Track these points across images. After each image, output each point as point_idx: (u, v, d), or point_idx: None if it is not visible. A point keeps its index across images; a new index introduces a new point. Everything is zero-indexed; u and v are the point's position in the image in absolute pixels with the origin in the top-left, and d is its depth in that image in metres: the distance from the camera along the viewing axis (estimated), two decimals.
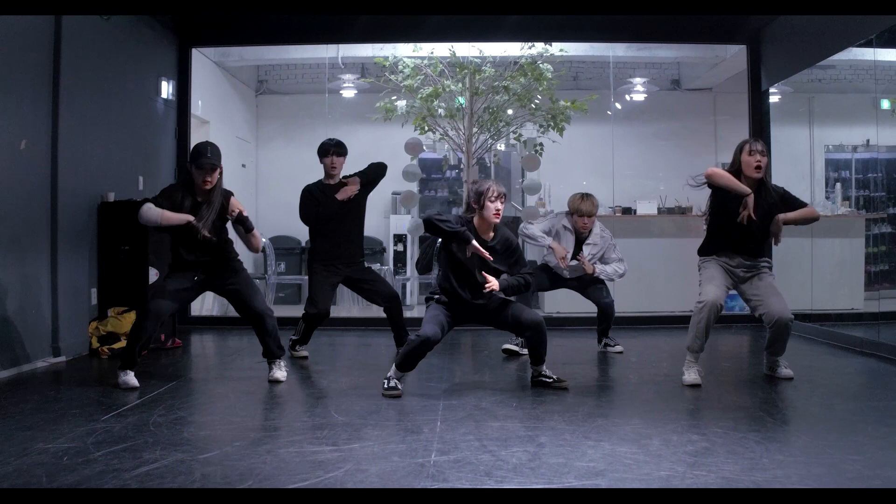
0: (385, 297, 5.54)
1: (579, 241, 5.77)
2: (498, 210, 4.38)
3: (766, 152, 4.60)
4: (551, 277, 5.88)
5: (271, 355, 4.79)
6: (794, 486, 2.77)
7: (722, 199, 4.65)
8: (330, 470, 2.97)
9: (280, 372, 4.75)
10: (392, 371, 4.38)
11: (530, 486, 2.79)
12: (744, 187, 4.53)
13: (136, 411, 3.91)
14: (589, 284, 5.83)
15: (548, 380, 4.56)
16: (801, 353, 5.80)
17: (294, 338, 5.63)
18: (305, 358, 5.58)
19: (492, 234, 4.48)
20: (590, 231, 5.74)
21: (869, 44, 5.95)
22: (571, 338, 6.62)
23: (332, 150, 5.47)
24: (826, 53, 6.62)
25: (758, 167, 4.54)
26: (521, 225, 5.90)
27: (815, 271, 7.61)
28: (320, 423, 3.73)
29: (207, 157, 4.40)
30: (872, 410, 4.05)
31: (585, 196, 5.72)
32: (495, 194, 4.36)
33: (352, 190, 5.43)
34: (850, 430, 3.57)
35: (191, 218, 4.43)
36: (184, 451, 3.21)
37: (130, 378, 4.51)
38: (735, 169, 4.63)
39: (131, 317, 5.72)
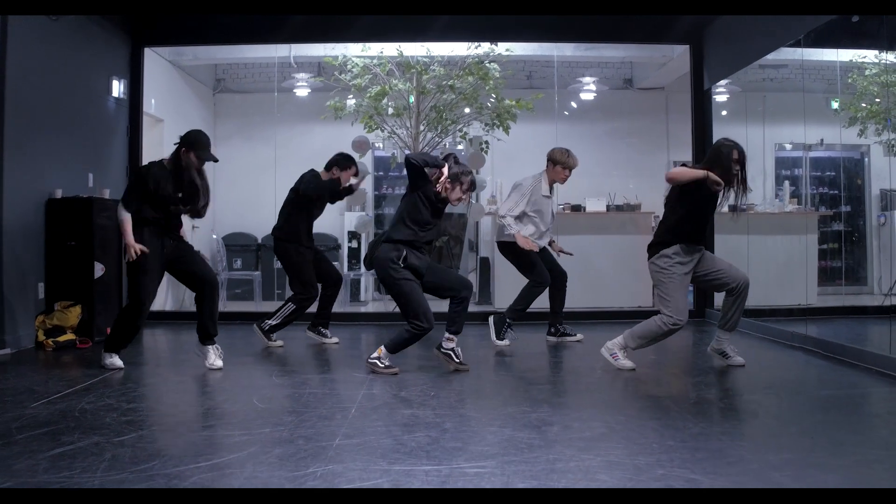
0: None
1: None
2: (460, 199, 4.91)
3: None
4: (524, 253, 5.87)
5: (207, 337, 4.93)
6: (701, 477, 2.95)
7: (687, 190, 4.68)
8: (234, 451, 3.12)
9: (218, 360, 4.92)
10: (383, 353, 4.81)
11: (435, 471, 2.95)
12: (699, 172, 4.56)
13: (66, 399, 4.04)
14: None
15: (453, 357, 4.88)
16: (739, 347, 5.95)
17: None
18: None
19: None
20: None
21: (797, 44, 6.14)
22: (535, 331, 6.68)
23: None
24: (763, 52, 6.80)
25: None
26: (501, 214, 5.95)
27: (762, 268, 7.76)
28: (238, 410, 3.88)
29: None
30: (781, 401, 4.19)
31: (567, 150, 5.88)
32: (467, 187, 4.87)
33: None
34: (749, 418, 3.75)
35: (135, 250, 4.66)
36: (101, 434, 3.35)
37: (117, 360, 4.87)
38: (711, 164, 4.65)
39: (77, 310, 5.85)
